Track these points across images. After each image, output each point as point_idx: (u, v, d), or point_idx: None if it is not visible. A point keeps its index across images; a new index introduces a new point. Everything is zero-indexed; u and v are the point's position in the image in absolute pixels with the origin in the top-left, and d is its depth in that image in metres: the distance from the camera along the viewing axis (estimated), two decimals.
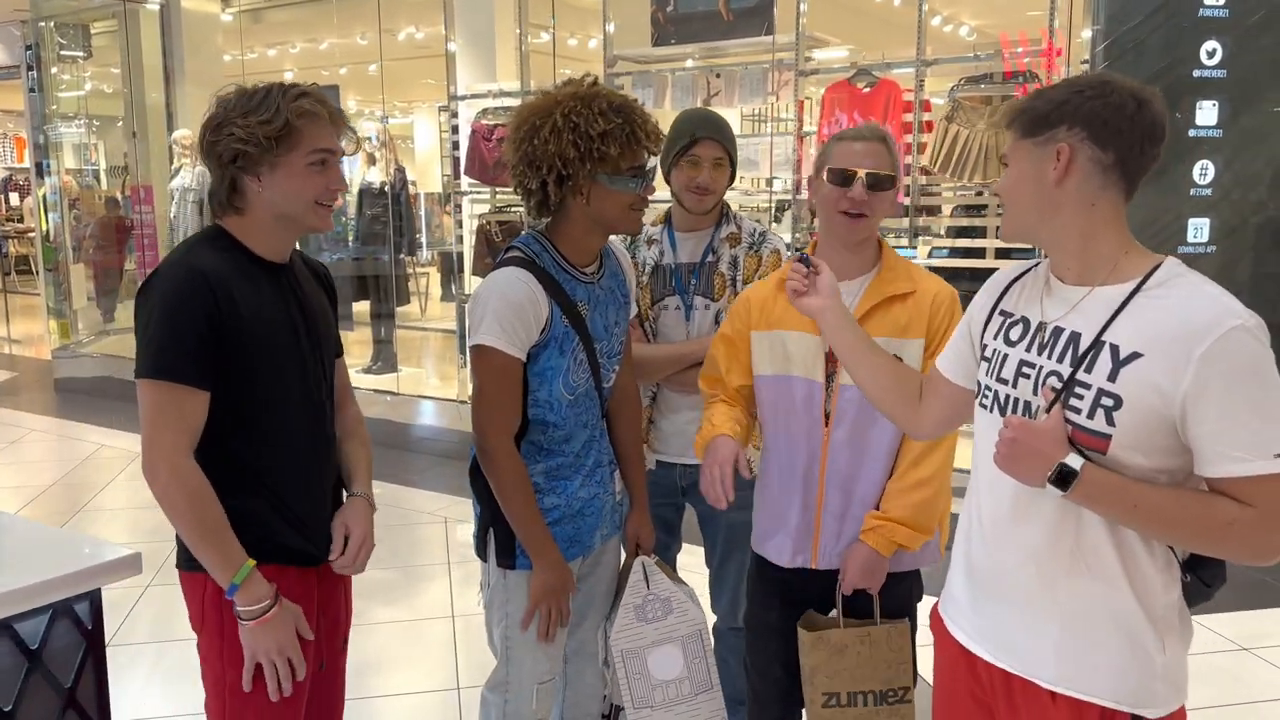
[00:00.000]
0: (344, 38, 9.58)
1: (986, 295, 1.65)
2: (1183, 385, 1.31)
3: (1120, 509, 1.38)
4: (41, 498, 5.36)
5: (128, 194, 9.17)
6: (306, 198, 1.75)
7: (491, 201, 6.59)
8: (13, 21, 10.36)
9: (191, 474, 1.69)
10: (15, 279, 13.79)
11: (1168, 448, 1.36)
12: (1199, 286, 1.38)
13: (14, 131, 18.11)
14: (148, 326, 1.68)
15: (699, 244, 2.45)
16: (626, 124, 1.91)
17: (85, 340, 8.91)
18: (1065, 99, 1.41)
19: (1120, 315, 1.38)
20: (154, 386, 1.67)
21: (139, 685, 3.30)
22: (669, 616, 2.18)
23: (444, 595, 4.11)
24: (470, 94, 6.54)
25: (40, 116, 9.17)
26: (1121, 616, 1.43)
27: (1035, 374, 1.46)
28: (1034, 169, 1.44)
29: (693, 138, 2.37)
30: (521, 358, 1.97)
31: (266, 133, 1.69)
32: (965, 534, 1.62)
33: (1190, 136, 4.39)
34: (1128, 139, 1.38)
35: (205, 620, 1.78)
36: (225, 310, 1.68)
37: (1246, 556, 1.36)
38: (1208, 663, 3.48)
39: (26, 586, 1.74)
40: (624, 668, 2.17)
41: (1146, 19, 4.32)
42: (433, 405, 6.51)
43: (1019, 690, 1.51)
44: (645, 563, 2.21)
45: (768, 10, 5.29)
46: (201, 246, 1.76)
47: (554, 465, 2.07)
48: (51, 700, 1.80)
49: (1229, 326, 1.30)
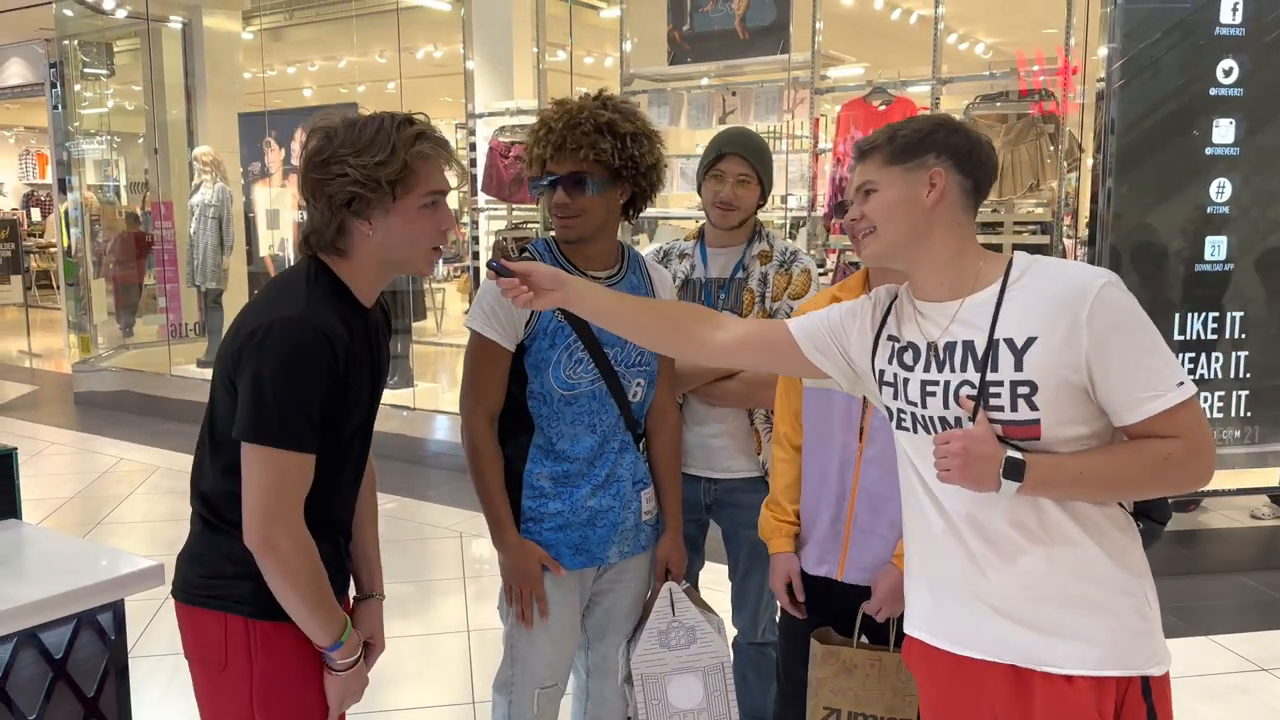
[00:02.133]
0: (363, 56, 9.68)
1: (861, 320, 1.70)
2: (1083, 347, 1.43)
3: (1069, 483, 1.47)
4: (62, 510, 5.40)
5: (148, 210, 9.29)
6: (421, 244, 1.65)
7: (508, 218, 6.63)
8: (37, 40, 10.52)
9: (309, 542, 1.62)
10: (36, 293, 13.93)
11: (1087, 414, 1.48)
12: (1054, 264, 1.54)
13: (37, 148, 18.35)
14: (265, 387, 1.54)
15: (730, 260, 2.47)
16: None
17: (105, 354, 8.99)
18: (930, 130, 1.56)
19: (1000, 312, 1.50)
20: (276, 455, 1.56)
21: (157, 696, 3.33)
22: (692, 646, 2.17)
23: (459, 609, 4.12)
24: (488, 112, 6.59)
25: (63, 133, 9.30)
26: (1105, 583, 1.50)
27: (941, 390, 1.54)
28: (908, 192, 1.55)
29: (719, 153, 2.40)
30: (503, 343, 2.04)
31: (385, 175, 1.57)
32: (921, 550, 1.64)
33: (1207, 155, 4.38)
34: (982, 169, 1.57)
35: (229, 661, 1.66)
36: (339, 373, 1.60)
37: (1188, 484, 1.48)
38: (1225, 683, 3.45)
39: (52, 597, 1.76)
40: (643, 692, 2.16)
41: (1163, 37, 4.33)
42: (448, 420, 6.54)
43: (1029, 681, 1.52)
44: (674, 589, 2.19)
45: (783, 29, 5.33)
46: (314, 296, 1.62)
47: (560, 471, 2.09)
48: (75, 710, 1.83)
49: (1099, 285, 1.44)
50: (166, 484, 5.95)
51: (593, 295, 1.76)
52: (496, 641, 2.27)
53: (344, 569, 1.82)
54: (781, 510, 2.16)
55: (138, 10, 8.87)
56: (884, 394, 1.65)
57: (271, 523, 1.58)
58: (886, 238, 1.57)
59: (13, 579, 1.82)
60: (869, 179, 1.59)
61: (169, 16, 9.20)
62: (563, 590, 2.13)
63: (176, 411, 7.60)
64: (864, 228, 1.59)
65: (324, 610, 1.65)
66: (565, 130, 1.99)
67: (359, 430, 1.76)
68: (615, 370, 2.09)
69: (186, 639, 1.72)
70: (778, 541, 2.15)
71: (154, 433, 7.20)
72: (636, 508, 2.17)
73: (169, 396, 7.79)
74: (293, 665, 1.69)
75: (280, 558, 1.59)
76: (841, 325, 1.72)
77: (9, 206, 17.92)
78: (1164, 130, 4.39)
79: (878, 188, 1.57)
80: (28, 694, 1.74)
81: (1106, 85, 4.36)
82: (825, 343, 1.73)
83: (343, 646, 1.68)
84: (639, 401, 2.17)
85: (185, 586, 1.70)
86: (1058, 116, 4.63)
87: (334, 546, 1.77)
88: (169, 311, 8.85)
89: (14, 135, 18.62)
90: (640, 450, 2.22)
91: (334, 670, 1.70)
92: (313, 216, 1.66)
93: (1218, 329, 4.48)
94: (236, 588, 1.64)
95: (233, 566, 1.64)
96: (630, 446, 2.17)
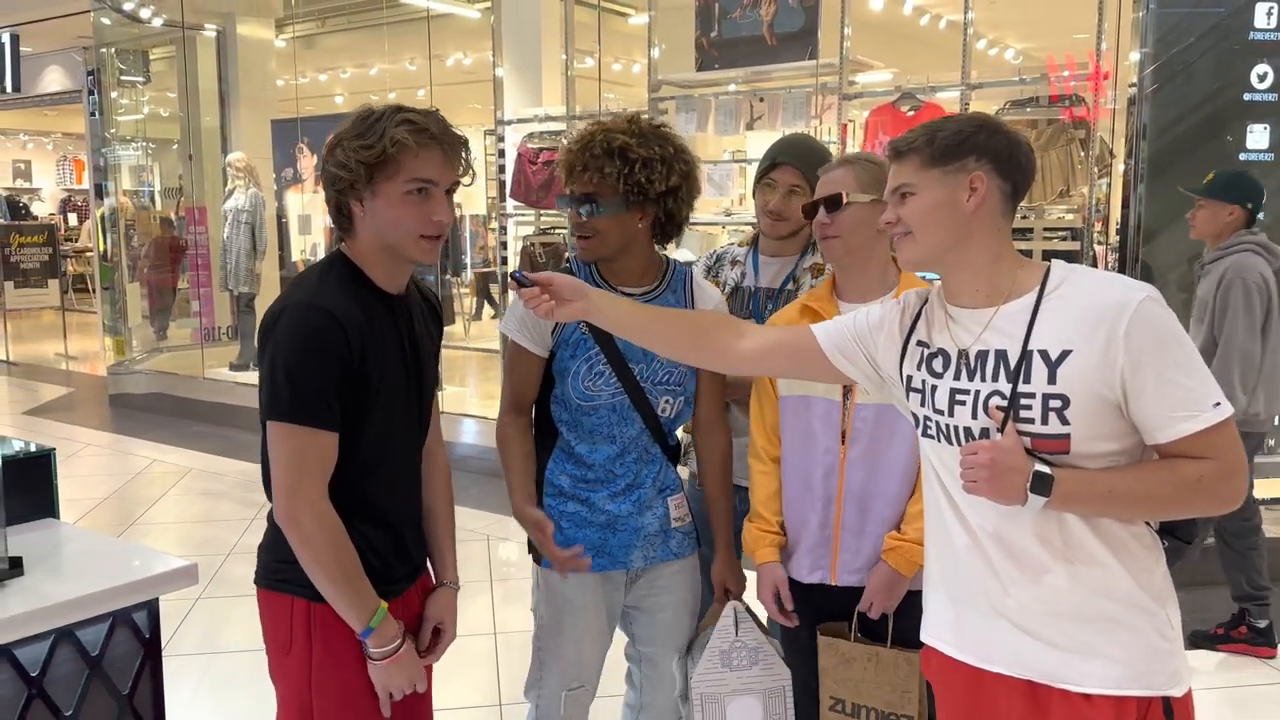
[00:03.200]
0: (394, 63, 9.77)
1: (890, 325, 1.67)
2: (1119, 362, 1.40)
3: (1098, 500, 1.44)
4: (96, 510, 5.49)
5: (182, 215, 9.41)
6: (405, 228, 1.69)
7: (536, 223, 6.67)
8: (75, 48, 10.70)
9: (334, 520, 1.67)
10: (73, 297, 14.15)
11: (1119, 430, 1.45)
12: (1094, 275, 1.51)
13: (74, 154, 18.65)
14: (278, 368, 1.63)
15: (781, 270, 2.45)
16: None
17: (139, 357, 9.12)
18: (972, 132, 1.52)
19: (1035, 322, 1.47)
20: (292, 431, 1.63)
21: (188, 693, 3.37)
22: (754, 667, 2.15)
23: (486, 612, 4.15)
24: (517, 118, 6.64)
25: (100, 139, 9.44)
26: (1127, 602, 1.47)
27: (971, 399, 1.51)
28: (947, 196, 1.51)
29: (772, 161, 2.37)
30: (533, 349, 2.10)
31: (362, 158, 1.65)
32: (942, 560, 1.62)
33: (1241, 160, 4.34)
34: (1022, 173, 1.53)
35: (293, 644, 1.74)
36: (354, 352, 1.66)
37: (1216, 507, 1.44)
38: (1259, 694, 3.41)
39: (89, 595, 1.80)
40: (701, 712, 2.14)
41: (1196, 42, 4.29)
42: (475, 424, 6.58)
43: (1047, 699, 1.51)
44: (738, 608, 2.17)
45: (811, 34, 5.32)
46: (326, 282, 1.71)
47: (580, 475, 2.13)
48: (110, 707, 1.86)
49: (1139, 300, 1.41)
50: (199, 485, 6.03)
51: (612, 307, 1.77)
52: (523, 644, 2.28)
53: (409, 558, 1.87)
54: (765, 522, 2.16)
55: (173, 19, 9.00)
56: (911, 400, 1.63)
57: (291, 498, 1.64)
58: (924, 243, 1.54)
59: (50, 577, 1.86)
60: (906, 181, 1.54)
61: (204, 25, 9.34)
62: (587, 592, 2.14)
63: (209, 414, 7.70)
64: (900, 231, 1.56)
65: (350, 591, 1.69)
66: (579, 152, 2.02)
67: (398, 416, 1.79)
68: (641, 386, 2.10)
69: (264, 624, 1.80)
70: (763, 552, 2.14)
71: (187, 435, 7.30)
72: (663, 513, 2.17)
73: (202, 399, 7.89)
74: (348, 650, 1.74)
75: (303, 534, 1.65)
76: (869, 330, 1.70)
77: (47, 212, 18.22)
78: (1197, 136, 4.35)
79: (915, 191, 1.53)
80: (65, 690, 1.78)
81: (1138, 90, 4.33)
82: (851, 348, 1.71)
83: (374, 633, 1.71)
84: (670, 417, 2.17)
85: (262, 571, 1.80)
86: (1088, 122, 4.59)
87: (387, 534, 1.80)
88: (202, 315, 8.97)
89: (52, 141, 18.95)
90: (670, 460, 2.22)
91: (370, 658, 1.73)
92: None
93: None
94: (299, 571, 1.70)
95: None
96: (656, 458, 2.17)
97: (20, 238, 10.98)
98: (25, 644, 1.72)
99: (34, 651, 1.73)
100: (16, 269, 10.85)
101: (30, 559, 1.88)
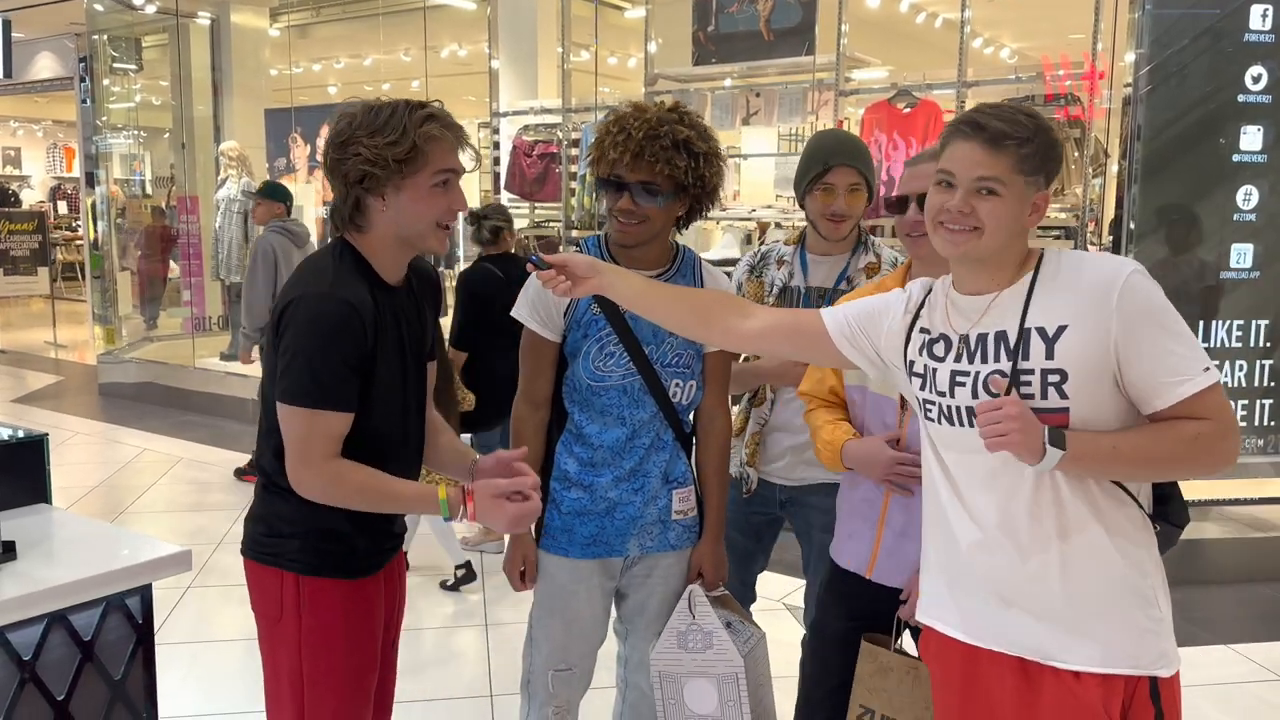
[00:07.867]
0: (388, 54, 9.72)
1: (894, 313, 1.71)
2: (1113, 333, 1.46)
3: (1104, 457, 1.48)
4: (86, 499, 5.46)
5: (173, 204, 9.37)
6: (429, 219, 1.75)
7: (530, 217, 6.66)
8: (68, 34, 10.64)
9: (344, 468, 1.72)
10: (63, 285, 14.07)
11: (1115, 405, 1.50)
12: (1082, 255, 1.57)
13: (65, 141, 18.55)
14: (298, 353, 1.68)
15: (832, 269, 2.43)
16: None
17: (129, 346, 9.08)
18: (1050, 145, 1.53)
19: (1031, 302, 1.53)
20: (310, 415, 1.69)
21: (177, 680, 3.36)
22: (708, 651, 2.16)
23: (478, 602, 4.15)
24: (512, 111, 6.62)
25: (91, 127, 9.39)
26: (1119, 583, 1.51)
27: (970, 380, 1.56)
28: (1020, 206, 1.53)
29: (826, 165, 2.32)
30: (545, 334, 2.11)
31: (394, 155, 1.68)
32: (937, 540, 1.65)
33: (1234, 162, 4.36)
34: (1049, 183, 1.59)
35: (284, 611, 1.79)
36: (369, 341, 1.72)
37: (1216, 465, 1.49)
38: (1244, 691, 3.43)
39: (82, 579, 1.80)
40: (660, 690, 2.18)
41: (1191, 43, 4.30)
42: None
43: (1038, 676, 1.53)
44: (695, 591, 2.19)
45: (808, 30, 5.32)
46: (340, 272, 1.75)
47: (586, 456, 2.13)
48: (102, 692, 1.86)
49: (1126, 273, 1.48)
50: (189, 474, 6.01)
51: (625, 282, 1.80)
52: (515, 636, 2.30)
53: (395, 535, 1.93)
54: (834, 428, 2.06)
55: (167, 6, 8.96)
56: (913, 384, 1.66)
57: (302, 474, 1.72)
58: (989, 244, 1.53)
59: (44, 562, 1.85)
60: (999, 175, 1.50)
61: (197, 12, 9.30)
62: (580, 578, 2.16)
63: (199, 403, 7.68)
64: (968, 224, 1.52)
65: (401, 505, 1.78)
66: (645, 140, 1.98)
67: (402, 403, 1.84)
68: (653, 369, 2.10)
69: (251, 593, 1.85)
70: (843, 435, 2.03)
71: (176, 424, 7.27)
72: (664, 505, 2.17)
73: (192, 389, 7.87)
74: (338, 622, 1.80)
75: (327, 495, 1.72)
76: (873, 317, 1.73)
77: (36, 199, 18.12)
78: (1191, 137, 4.36)
79: (1003, 192, 1.51)
80: (57, 675, 1.78)
81: (1134, 91, 4.34)
82: (855, 333, 1.74)
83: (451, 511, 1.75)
84: (683, 402, 2.16)
85: (250, 543, 1.84)
86: (1084, 122, 4.60)
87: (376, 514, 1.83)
88: (193, 305, 8.94)
89: (42, 129, 18.84)
90: (684, 449, 2.21)
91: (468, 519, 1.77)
92: (335, 198, 1.79)
93: (1242, 337, 4.45)
94: (289, 545, 1.78)
95: (286, 525, 1.78)
96: (667, 445, 2.16)
97: (9, 225, 10.91)
98: (18, 628, 1.71)
99: (27, 636, 1.73)
100: (5, 256, 10.78)
101: (23, 544, 1.87)
